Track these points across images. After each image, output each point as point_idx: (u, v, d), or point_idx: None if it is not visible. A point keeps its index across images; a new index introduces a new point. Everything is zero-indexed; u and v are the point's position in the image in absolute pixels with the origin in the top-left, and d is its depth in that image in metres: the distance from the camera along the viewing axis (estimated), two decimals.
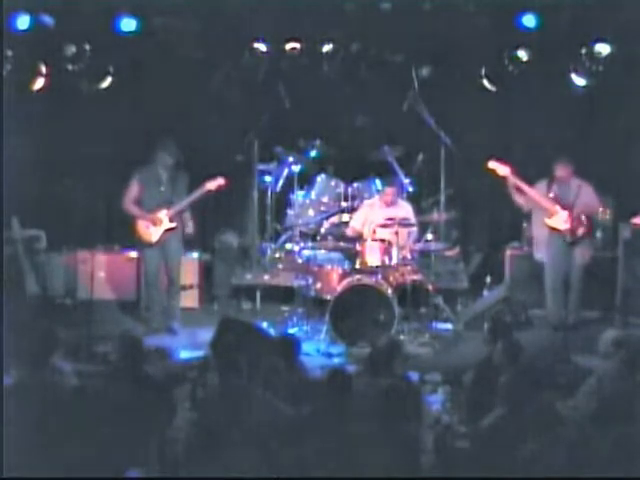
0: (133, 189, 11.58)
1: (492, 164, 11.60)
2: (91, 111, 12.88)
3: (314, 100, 12.97)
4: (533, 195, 11.62)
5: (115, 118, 12.96)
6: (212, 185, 11.52)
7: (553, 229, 11.59)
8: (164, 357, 9.95)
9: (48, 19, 11.75)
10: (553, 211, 11.56)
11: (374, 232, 11.80)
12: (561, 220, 11.52)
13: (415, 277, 11.71)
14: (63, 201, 13.09)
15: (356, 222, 12.22)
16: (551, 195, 11.59)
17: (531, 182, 11.69)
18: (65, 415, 6.94)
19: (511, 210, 12.30)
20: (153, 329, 11.55)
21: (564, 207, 11.53)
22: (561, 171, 11.55)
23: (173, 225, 11.55)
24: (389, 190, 12.17)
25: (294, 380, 8.00)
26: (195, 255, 12.80)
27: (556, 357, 10.38)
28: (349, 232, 12.16)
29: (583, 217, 11.56)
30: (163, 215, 11.49)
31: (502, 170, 11.57)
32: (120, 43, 12.12)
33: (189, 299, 12.51)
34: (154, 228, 11.50)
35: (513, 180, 11.55)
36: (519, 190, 11.63)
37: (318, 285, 11.76)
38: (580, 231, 11.56)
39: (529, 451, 6.47)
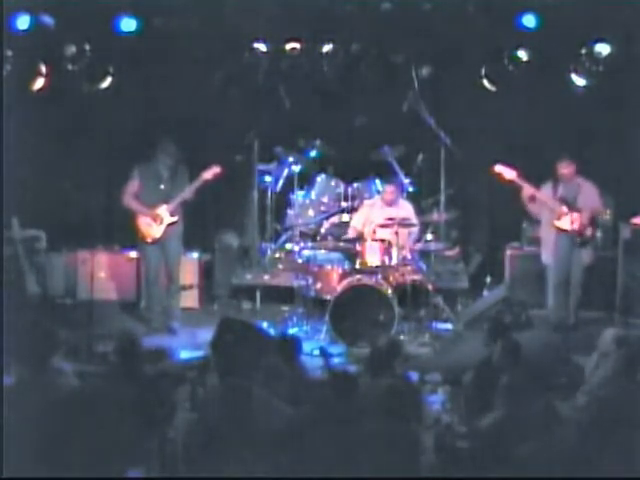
0: (133, 184, 11.59)
1: (498, 168, 11.57)
2: (91, 111, 12.89)
3: (314, 100, 12.98)
4: (541, 197, 11.59)
5: (115, 118, 12.97)
6: (208, 174, 11.51)
7: (561, 230, 11.57)
8: (164, 357, 9.95)
9: (48, 19, 11.74)
10: (561, 213, 11.52)
11: (374, 232, 11.81)
12: (570, 221, 11.49)
13: (415, 277, 11.72)
14: (63, 201, 13.08)
15: (357, 222, 12.22)
16: (558, 196, 11.57)
17: (533, 183, 11.68)
18: (65, 415, 6.93)
19: (511, 210, 12.31)
20: (153, 329, 11.56)
21: (572, 208, 11.51)
22: (564, 169, 11.52)
23: (175, 219, 11.56)
24: (389, 188, 12.18)
25: (294, 380, 8.00)
26: (195, 255, 12.81)
27: (556, 357, 10.38)
28: (350, 233, 12.15)
29: (590, 218, 11.56)
30: (163, 211, 11.50)
31: (509, 174, 11.53)
32: (120, 43, 12.12)
33: (189, 299, 12.52)
34: (156, 225, 11.50)
35: (521, 184, 11.50)
36: (532, 200, 11.61)
37: (318, 285, 11.78)
38: (588, 232, 11.56)
39: (529, 451, 6.47)
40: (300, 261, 12.16)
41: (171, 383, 7.92)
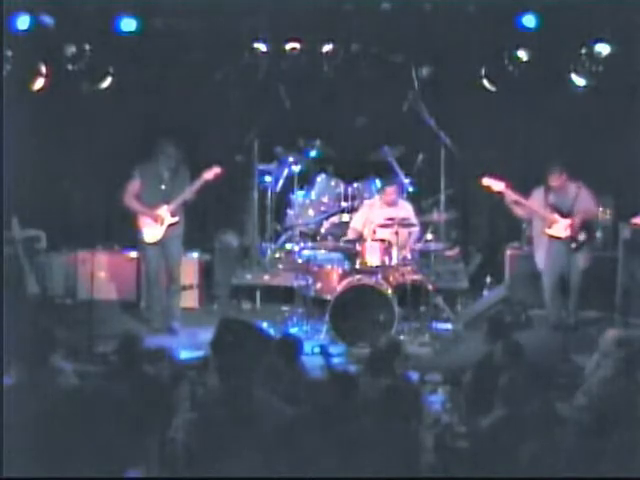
0: (134, 184, 11.58)
1: (486, 181, 11.55)
2: (91, 111, 12.89)
3: (314, 100, 12.98)
4: (531, 206, 11.57)
5: (115, 118, 12.97)
6: (209, 175, 11.49)
7: (553, 237, 11.54)
8: (164, 357, 9.96)
9: (48, 19, 11.74)
10: (552, 220, 11.50)
11: (374, 232, 11.80)
12: (561, 228, 11.47)
13: (415, 277, 11.71)
14: (63, 201, 13.08)
15: (356, 223, 12.21)
16: (549, 203, 11.54)
17: (531, 183, 11.67)
18: (65, 415, 6.94)
19: (511, 210, 12.29)
20: (154, 329, 11.55)
21: (563, 215, 11.48)
22: (555, 180, 11.48)
23: (176, 219, 11.55)
24: (390, 190, 12.16)
25: (294, 380, 8.00)
26: (195, 255, 12.81)
27: (556, 357, 10.38)
28: (350, 234, 12.14)
29: (583, 222, 11.52)
30: (164, 211, 11.49)
31: (497, 186, 11.51)
32: (120, 43, 12.12)
33: (189, 299, 12.52)
34: (157, 225, 11.50)
35: (509, 194, 11.50)
36: (517, 202, 11.59)
37: (318, 285, 11.77)
38: (581, 237, 11.53)
39: (529, 451, 6.47)
40: (300, 261, 12.14)
41: (171, 383, 7.93)
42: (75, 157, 13.11)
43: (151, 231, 11.54)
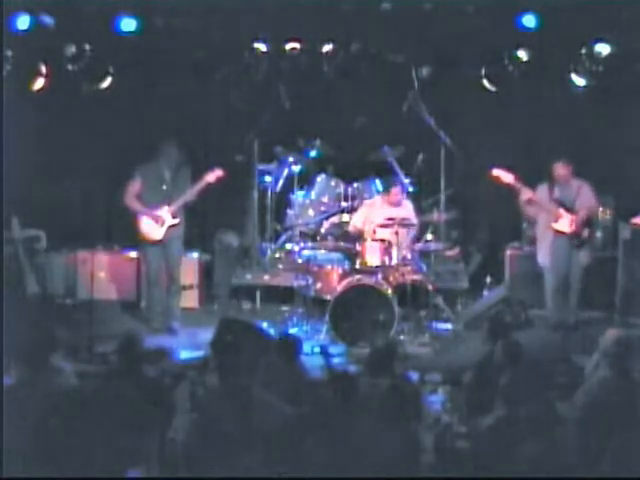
0: (135, 185, 11.58)
1: (496, 172, 11.55)
2: (91, 111, 12.89)
3: (314, 100, 12.99)
4: (538, 200, 11.58)
5: (115, 118, 12.97)
6: (211, 177, 11.52)
7: (559, 232, 11.55)
8: (164, 357, 9.96)
9: (48, 19, 11.74)
10: (558, 215, 11.51)
11: (374, 232, 11.81)
12: (567, 223, 11.48)
13: (415, 277, 11.71)
14: (63, 201, 13.08)
15: (357, 221, 12.22)
16: (554, 198, 11.55)
17: (531, 183, 11.68)
18: (65, 415, 6.94)
19: (511, 210, 12.30)
20: (154, 329, 11.55)
21: (568, 210, 11.50)
22: (561, 170, 11.51)
23: (177, 221, 11.55)
24: (396, 190, 12.17)
25: (294, 380, 8.00)
26: (195, 255, 12.81)
27: (556, 357, 10.39)
28: (350, 229, 12.16)
29: (587, 218, 11.54)
30: (165, 212, 11.49)
31: (506, 177, 11.53)
32: (120, 43, 12.11)
33: (189, 299, 12.52)
34: (157, 226, 11.49)
35: (518, 187, 11.49)
36: (529, 203, 11.60)
37: (318, 285, 11.77)
38: (586, 233, 11.54)
39: (529, 451, 6.47)
40: (300, 261, 12.14)
41: (171, 383, 7.94)
42: (75, 157, 13.10)
43: (152, 231, 11.54)
